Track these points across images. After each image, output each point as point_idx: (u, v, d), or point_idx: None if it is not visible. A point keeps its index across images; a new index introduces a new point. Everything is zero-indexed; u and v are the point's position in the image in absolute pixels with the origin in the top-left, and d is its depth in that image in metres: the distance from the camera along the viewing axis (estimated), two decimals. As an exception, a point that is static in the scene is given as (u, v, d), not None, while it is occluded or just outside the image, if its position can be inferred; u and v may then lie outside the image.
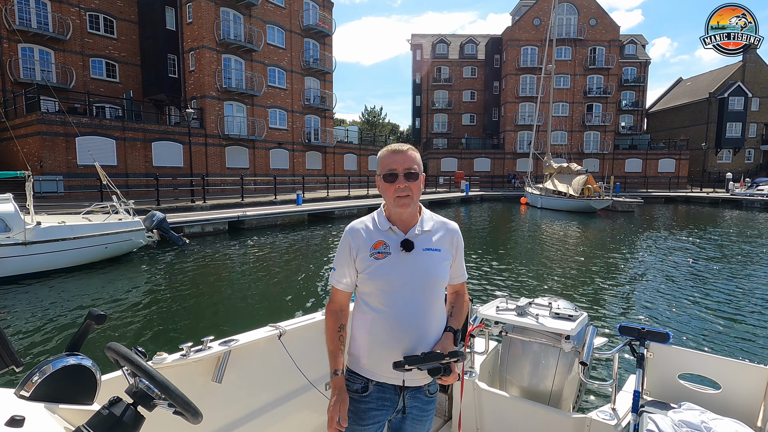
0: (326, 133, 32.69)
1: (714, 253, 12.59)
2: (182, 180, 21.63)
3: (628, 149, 44.79)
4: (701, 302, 7.73)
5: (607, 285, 8.97)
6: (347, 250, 1.61)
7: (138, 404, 1.13)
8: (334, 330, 1.61)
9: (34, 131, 18.63)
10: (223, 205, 18.55)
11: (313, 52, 31.74)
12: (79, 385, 1.24)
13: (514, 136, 43.83)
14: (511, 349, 2.71)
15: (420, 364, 1.44)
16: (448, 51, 50.06)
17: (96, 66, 25.57)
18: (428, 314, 1.58)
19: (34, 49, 22.81)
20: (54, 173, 18.51)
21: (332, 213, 20.28)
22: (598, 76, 43.45)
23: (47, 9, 23.17)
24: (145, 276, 9.70)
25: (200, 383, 1.95)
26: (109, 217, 10.54)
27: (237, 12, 26.12)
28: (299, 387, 2.35)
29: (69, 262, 9.53)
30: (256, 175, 27.31)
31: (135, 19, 26.90)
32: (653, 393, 2.47)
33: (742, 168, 45.15)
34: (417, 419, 1.65)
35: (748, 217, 24.18)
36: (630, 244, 14.41)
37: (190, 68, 25.46)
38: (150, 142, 22.29)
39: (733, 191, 35.26)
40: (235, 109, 26.40)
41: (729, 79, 44.39)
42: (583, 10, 42.37)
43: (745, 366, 2.26)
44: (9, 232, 8.60)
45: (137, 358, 1.15)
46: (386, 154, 1.57)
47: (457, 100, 50.45)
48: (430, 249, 1.59)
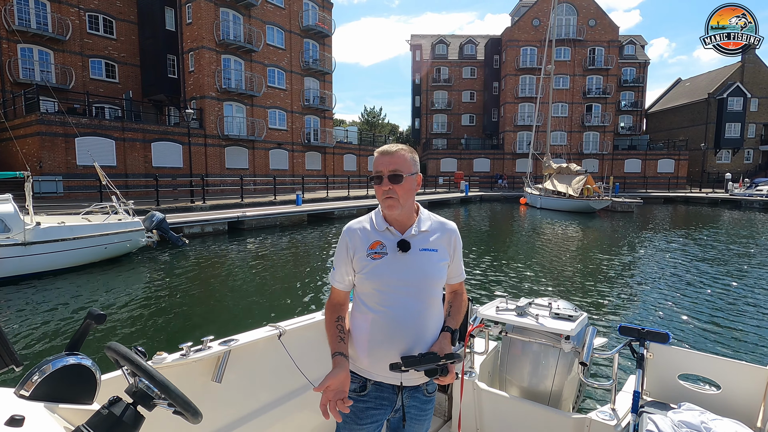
0: (326, 133, 32.70)
1: (713, 253, 12.60)
2: (182, 180, 21.63)
3: (627, 150, 44.85)
4: (701, 302, 7.73)
5: (606, 285, 8.97)
6: (345, 250, 1.62)
7: (138, 404, 1.13)
8: (332, 321, 1.63)
9: (33, 132, 18.62)
10: (223, 206, 18.55)
11: (313, 53, 31.75)
12: (78, 384, 1.25)
13: (514, 137, 43.85)
14: (511, 349, 2.71)
15: (416, 366, 1.44)
16: (447, 51, 50.10)
17: (95, 66, 25.56)
18: (425, 314, 1.59)
19: (33, 49, 22.80)
20: (53, 174, 18.50)
21: (332, 213, 20.28)
22: (597, 77, 43.50)
23: (47, 9, 23.16)
24: (144, 276, 9.69)
25: (200, 383, 1.95)
26: (108, 217, 10.52)
27: (236, 12, 26.12)
28: (299, 387, 2.35)
29: (69, 262, 9.51)
30: (256, 175, 27.31)
31: (134, 19, 26.90)
32: (653, 393, 2.47)
33: (741, 168, 45.21)
34: (415, 419, 1.65)
35: (747, 217, 24.20)
36: (629, 245, 14.42)
37: (190, 69, 25.46)
38: (149, 143, 22.28)
39: (732, 191, 35.30)
40: (234, 110, 26.40)
41: (728, 80, 44.43)
42: (583, 11, 42.42)
43: (745, 366, 2.26)
44: (8, 233, 8.59)
45: (137, 357, 1.15)
46: (377, 155, 1.60)
47: (457, 100, 50.48)
48: (427, 249, 1.60)
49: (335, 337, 1.59)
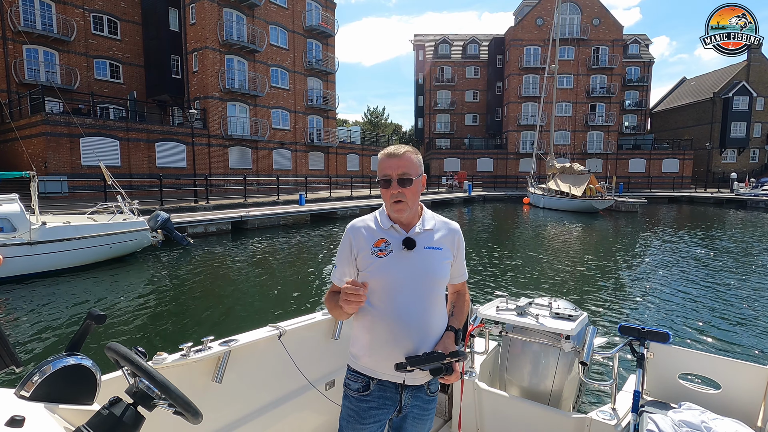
0: (329, 133, 32.71)
1: (715, 253, 12.52)
2: (185, 180, 21.71)
3: (631, 149, 44.60)
4: (702, 302, 7.69)
5: (607, 285, 8.94)
6: (348, 248, 1.62)
7: (138, 404, 1.13)
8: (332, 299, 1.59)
9: (38, 132, 18.73)
10: (226, 206, 18.60)
11: (316, 53, 31.76)
12: (79, 385, 1.25)
13: (517, 137, 43.71)
14: (511, 349, 2.71)
15: (422, 365, 1.44)
16: (450, 51, 49.98)
17: (100, 67, 25.69)
18: (429, 313, 1.59)
19: (38, 50, 22.93)
20: (58, 174, 18.60)
21: (335, 213, 20.30)
22: (601, 76, 43.27)
23: (52, 10, 23.29)
24: (149, 276, 9.74)
25: (200, 383, 1.96)
26: (113, 217, 10.58)
27: (240, 13, 26.17)
28: (299, 387, 2.36)
29: (74, 262, 9.57)
30: (259, 175, 27.37)
31: (138, 20, 27.01)
32: (653, 393, 2.46)
33: (746, 168, 44.89)
34: (417, 418, 1.65)
35: (752, 217, 24.03)
36: (631, 245, 14.35)
37: (194, 69, 25.53)
38: (153, 143, 22.37)
39: (737, 191, 35.04)
40: (238, 110, 26.45)
41: (733, 79, 44.11)
42: (586, 10, 42.21)
43: (745, 366, 2.25)
44: (15, 232, 8.66)
45: (137, 358, 1.16)
46: (383, 157, 1.58)
47: (460, 100, 50.36)
48: (432, 247, 1.60)
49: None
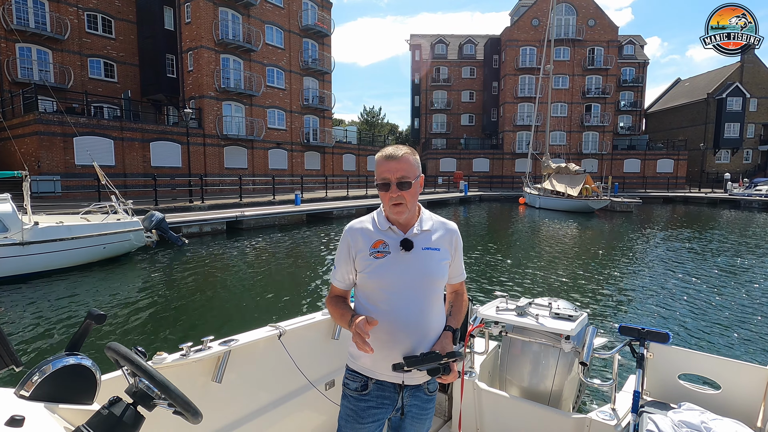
0: (325, 133, 32.68)
1: (713, 253, 12.62)
2: (180, 180, 21.61)
3: (626, 149, 44.87)
4: (701, 302, 7.74)
5: (606, 285, 8.98)
6: (346, 249, 1.62)
7: (138, 404, 1.13)
8: (336, 306, 1.63)
9: (31, 131, 18.58)
10: (222, 206, 18.52)
11: (312, 52, 31.72)
12: (78, 384, 1.24)
13: (513, 137, 43.87)
14: (511, 349, 2.71)
15: (419, 365, 1.45)
16: (447, 51, 50.10)
17: (94, 66, 25.52)
18: (427, 313, 1.59)
19: (32, 48, 22.75)
20: (51, 173, 18.46)
21: (331, 213, 20.27)
22: (596, 77, 43.52)
23: (45, 9, 23.11)
24: (143, 276, 9.67)
25: (200, 383, 1.94)
26: (107, 217, 10.51)
27: (235, 12, 26.09)
28: (299, 387, 2.35)
29: (67, 262, 9.49)
30: (255, 175, 27.29)
31: (133, 18, 26.86)
32: (653, 393, 2.47)
33: (740, 168, 45.26)
34: (416, 418, 1.65)
35: (746, 217, 24.24)
36: (628, 244, 14.43)
37: (189, 68, 25.43)
38: (148, 142, 22.25)
39: (731, 191, 35.35)
40: (233, 109, 26.37)
41: (727, 80, 44.48)
42: (582, 11, 42.45)
43: (745, 366, 2.26)
44: (7, 232, 8.57)
45: (137, 357, 1.15)
46: (381, 160, 1.56)
47: (456, 100, 50.49)
48: (430, 248, 1.60)
49: (345, 313, 1.58)
